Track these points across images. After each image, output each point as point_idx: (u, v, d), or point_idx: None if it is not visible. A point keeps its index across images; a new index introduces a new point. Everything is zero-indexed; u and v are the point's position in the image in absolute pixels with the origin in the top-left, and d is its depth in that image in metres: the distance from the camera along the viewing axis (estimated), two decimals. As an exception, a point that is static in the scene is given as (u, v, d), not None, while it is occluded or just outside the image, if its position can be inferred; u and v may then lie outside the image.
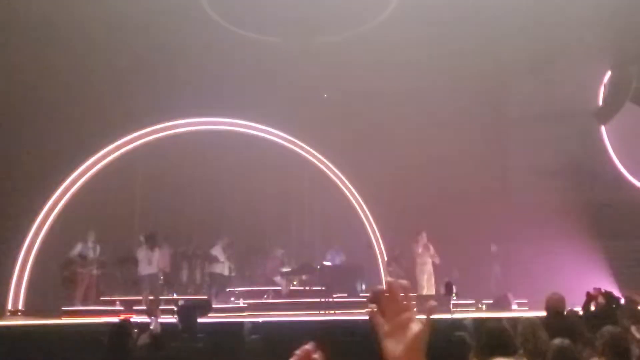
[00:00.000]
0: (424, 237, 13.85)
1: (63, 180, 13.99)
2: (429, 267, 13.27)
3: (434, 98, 15.74)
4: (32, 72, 12.82)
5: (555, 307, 5.32)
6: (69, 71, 13.21)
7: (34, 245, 13.46)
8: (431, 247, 13.60)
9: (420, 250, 13.91)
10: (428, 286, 13.19)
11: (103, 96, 13.80)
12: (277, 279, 13.15)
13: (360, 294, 13.36)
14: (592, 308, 8.20)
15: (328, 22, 12.16)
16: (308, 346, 1.14)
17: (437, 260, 13.47)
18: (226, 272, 12.30)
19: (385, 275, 15.50)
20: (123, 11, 12.55)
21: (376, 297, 1.17)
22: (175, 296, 11.99)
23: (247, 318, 9.87)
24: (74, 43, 12.94)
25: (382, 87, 15.34)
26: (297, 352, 1.13)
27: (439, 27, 12.18)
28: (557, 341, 3.69)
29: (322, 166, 17.54)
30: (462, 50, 13.38)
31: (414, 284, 13.81)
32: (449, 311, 9.86)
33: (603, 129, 15.15)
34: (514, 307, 12.01)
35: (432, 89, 15.07)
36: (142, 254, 11.64)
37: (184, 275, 13.24)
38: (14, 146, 12.79)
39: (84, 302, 11.34)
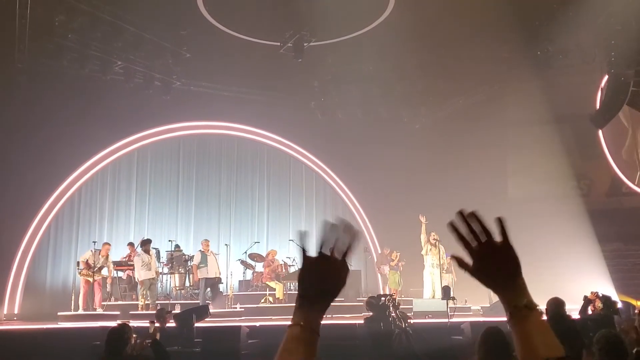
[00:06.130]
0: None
1: (58, 184, 13.94)
2: (430, 271, 13.16)
3: (431, 101, 15.75)
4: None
5: (555, 311, 5.32)
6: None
7: (29, 250, 13.42)
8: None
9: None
10: (428, 290, 13.11)
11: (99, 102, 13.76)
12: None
13: (357, 298, 13.32)
14: (590, 312, 8.20)
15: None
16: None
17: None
18: (211, 275, 12.15)
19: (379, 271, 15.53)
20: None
21: None
22: (171, 301, 11.95)
23: (244, 322, 9.84)
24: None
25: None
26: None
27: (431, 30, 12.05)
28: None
29: (319, 170, 17.56)
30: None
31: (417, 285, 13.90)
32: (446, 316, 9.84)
33: (600, 132, 15.15)
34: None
35: (430, 91, 15.07)
36: (139, 259, 11.60)
37: (178, 280, 13.18)
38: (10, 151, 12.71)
39: (86, 307, 11.37)
